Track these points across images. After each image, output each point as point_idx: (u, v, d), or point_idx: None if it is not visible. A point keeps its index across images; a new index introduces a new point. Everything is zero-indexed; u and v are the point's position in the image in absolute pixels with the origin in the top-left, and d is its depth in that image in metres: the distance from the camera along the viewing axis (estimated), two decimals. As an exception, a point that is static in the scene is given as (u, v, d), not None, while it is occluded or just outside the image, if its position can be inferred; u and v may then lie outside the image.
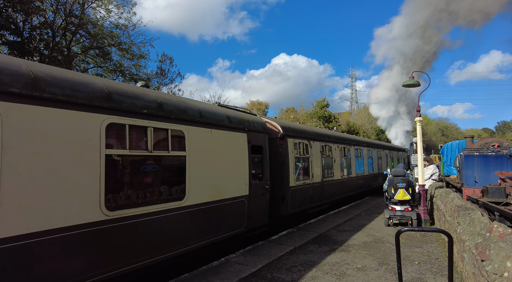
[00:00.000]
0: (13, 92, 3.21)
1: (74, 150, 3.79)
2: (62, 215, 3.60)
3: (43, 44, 16.89)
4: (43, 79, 3.53)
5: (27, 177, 3.33)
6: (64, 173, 3.67)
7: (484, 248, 3.40)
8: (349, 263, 5.72)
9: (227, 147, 6.45)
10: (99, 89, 4.14)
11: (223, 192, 6.21)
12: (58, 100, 3.62)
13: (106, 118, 4.13)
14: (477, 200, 9.48)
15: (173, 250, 5.04)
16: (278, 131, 8.76)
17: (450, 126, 78.72)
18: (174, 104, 5.29)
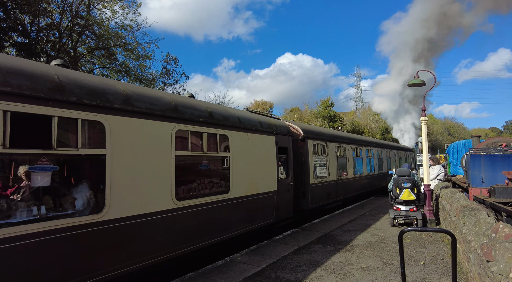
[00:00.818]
0: (115, 107, 4.27)
1: (155, 151, 4.78)
2: (152, 203, 4.65)
3: (50, 45, 17.10)
4: (132, 97, 4.55)
5: (128, 172, 4.34)
6: (150, 170, 4.68)
7: (490, 248, 3.37)
8: (354, 263, 5.71)
9: (260, 148, 7.39)
10: (168, 103, 5.13)
11: (257, 187, 7.18)
12: (142, 113, 4.61)
13: (175, 126, 5.15)
14: (484, 200, 9.38)
15: (221, 235, 6.04)
16: (299, 133, 9.68)
17: (456, 126, 77.90)
18: (220, 113, 6.28)
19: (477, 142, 15.64)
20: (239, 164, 6.58)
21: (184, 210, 5.17)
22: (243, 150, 6.77)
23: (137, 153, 4.50)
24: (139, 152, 4.54)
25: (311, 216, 10.37)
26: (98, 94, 4.09)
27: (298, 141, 9.56)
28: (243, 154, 6.75)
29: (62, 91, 3.69)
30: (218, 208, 5.92)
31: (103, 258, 4.00)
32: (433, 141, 57.02)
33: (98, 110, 4.04)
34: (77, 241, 3.70)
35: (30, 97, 3.37)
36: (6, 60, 3.44)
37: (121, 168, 4.25)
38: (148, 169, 4.65)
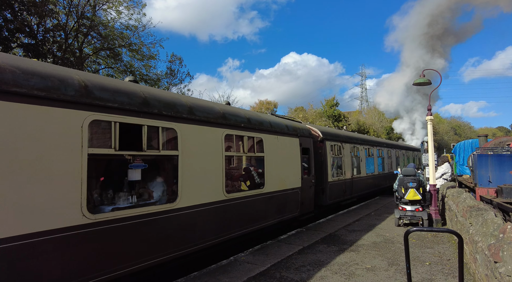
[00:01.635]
0: (183, 117, 5.19)
1: (211, 152, 5.71)
2: (211, 195, 5.65)
3: (56, 46, 17.27)
4: (194, 107, 5.51)
5: (193, 169, 5.30)
6: (208, 168, 5.65)
7: (497, 249, 3.33)
8: (359, 263, 5.68)
9: (287, 149, 8.25)
10: (218, 111, 6.04)
11: (285, 183, 8.04)
12: (201, 120, 5.54)
13: (224, 131, 6.05)
14: (491, 201, 9.27)
15: (260, 224, 7.02)
16: (318, 135, 10.54)
17: (463, 125, 77.03)
18: (256, 119, 7.22)
19: (484, 141, 15.46)
20: (271, 163, 7.49)
21: (231, 201, 6.15)
22: (274, 151, 7.67)
23: (199, 154, 5.45)
24: (200, 153, 5.49)
25: (329, 211, 11.39)
26: (171, 106, 5.02)
27: (318, 142, 10.41)
28: (274, 154, 7.66)
29: (148, 105, 4.60)
30: (256, 200, 6.90)
31: (177, 238, 4.95)
32: (439, 141, 56.47)
33: (172, 120, 4.99)
34: (158, 224, 4.60)
35: (128, 110, 4.33)
36: (112, 82, 4.47)
37: (189, 166, 5.24)
38: (206, 167, 5.65)
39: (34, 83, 3.38)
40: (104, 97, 4.04)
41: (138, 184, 4.77)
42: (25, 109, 3.28)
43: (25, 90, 3.28)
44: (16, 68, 3.30)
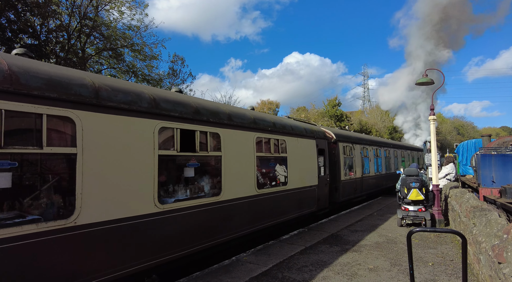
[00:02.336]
0: (225, 123, 6.05)
1: (246, 153, 6.63)
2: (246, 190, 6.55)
3: (59, 47, 17.34)
4: (231, 114, 6.33)
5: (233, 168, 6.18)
6: (244, 166, 6.54)
7: (501, 250, 3.31)
8: (361, 264, 5.66)
9: (305, 150, 9.10)
10: (250, 117, 6.92)
11: (305, 181, 8.91)
12: (237, 125, 6.40)
13: (255, 134, 6.94)
14: (495, 201, 9.21)
15: (285, 216, 7.98)
16: (332, 137, 11.33)
17: (466, 125, 76.63)
18: (280, 123, 8.05)
19: (487, 141, 15.37)
20: (293, 163, 8.35)
21: (262, 196, 7.04)
22: (295, 151, 8.51)
23: (236, 155, 6.29)
24: (237, 154, 6.34)
25: (342, 208, 12.22)
26: (215, 114, 5.89)
27: (331, 143, 11.21)
28: (295, 155, 8.50)
29: (199, 114, 5.49)
30: (281, 196, 7.80)
31: (221, 226, 5.84)
32: (442, 140, 56.19)
33: (217, 125, 5.84)
34: (207, 213, 5.53)
35: (186, 118, 5.22)
36: (173, 95, 5.36)
37: (229, 165, 6.10)
38: (242, 166, 6.48)
39: (120, 98, 4.25)
40: (168, 108, 4.94)
41: (192, 180, 5.67)
42: (115, 119, 4.18)
43: (115, 104, 4.17)
44: (108, 86, 4.20)
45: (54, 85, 3.59)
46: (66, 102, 3.66)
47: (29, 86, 3.35)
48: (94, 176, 3.82)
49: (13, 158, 3.34)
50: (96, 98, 3.95)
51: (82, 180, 3.70)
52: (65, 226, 3.52)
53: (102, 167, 3.94)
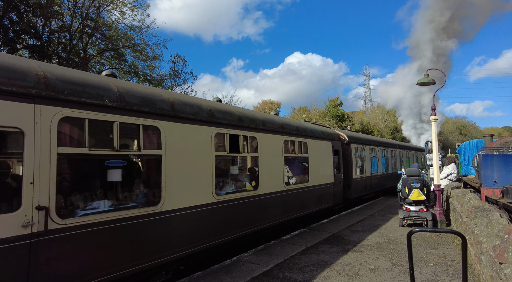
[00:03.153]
0: (260, 128, 7.11)
1: (275, 154, 7.61)
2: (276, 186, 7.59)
3: (61, 47, 17.41)
4: (264, 121, 7.37)
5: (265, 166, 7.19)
6: (274, 166, 7.52)
7: (502, 250, 3.30)
8: (362, 264, 5.66)
9: (323, 151, 10.12)
10: (278, 122, 7.97)
11: (322, 179, 9.93)
12: (269, 130, 7.40)
13: (283, 137, 7.99)
14: (497, 201, 9.18)
15: (307, 210, 9.05)
16: (345, 139, 12.24)
17: (468, 125, 76.33)
18: (302, 127, 9.14)
19: (489, 141, 15.31)
20: (313, 162, 9.37)
21: (289, 192, 8.08)
22: (315, 152, 9.54)
23: (269, 155, 7.36)
24: (270, 154, 7.39)
25: (353, 204, 13.24)
26: (253, 120, 6.95)
27: (344, 145, 12.09)
28: (315, 155, 9.52)
29: (241, 121, 6.52)
30: (304, 192, 8.83)
31: (259, 215, 6.93)
32: (444, 140, 56.03)
33: (254, 130, 6.89)
34: (248, 204, 6.59)
35: (233, 125, 6.27)
36: (223, 106, 6.47)
37: (264, 163, 7.13)
38: (273, 164, 7.49)
39: (188, 110, 5.30)
40: (220, 117, 5.95)
41: (236, 176, 6.81)
42: (185, 127, 5.22)
43: (185, 115, 5.20)
44: (179, 100, 5.28)
45: (146, 101, 4.60)
46: (154, 114, 4.67)
47: (131, 103, 4.38)
48: (173, 172, 4.88)
49: (124, 159, 4.38)
50: (172, 111, 4.98)
51: (165, 175, 4.75)
52: (155, 211, 4.59)
53: (178, 165, 4.99)
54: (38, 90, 3.43)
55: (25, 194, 3.25)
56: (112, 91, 4.19)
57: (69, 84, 3.74)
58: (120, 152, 4.18)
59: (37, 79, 3.46)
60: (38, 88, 3.43)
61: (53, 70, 3.76)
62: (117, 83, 4.44)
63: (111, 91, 4.17)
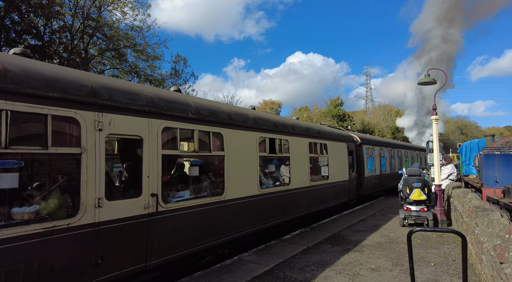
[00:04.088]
0: (291, 132, 8.23)
1: (302, 154, 8.77)
2: (303, 182, 8.78)
3: (62, 47, 17.45)
4: (293, 125, 8.54)
5: (295, 165, 8.41)
6: (300, 164, 8.63)
7: (503, 250, 3.31)
8: (363, 264, 5.67)
9: (339, 151, 11.34)
10: (303, 127, 9.10)
11: (339, 176, 11.14)
12: (297, 133, 8.56)
13: (308, 140, 9.16)
14: (498, 201, 9.17)
15: (328, 203, 10.30)
16: (358, 141, 13.44)
17: (469, 125, 76.15)
18: (323, 130, 10.45)
19: (491, 141, 15.29)
20: (332, 161, 10.57)
21: (313, 187, 9.24)
22: (333, 152, 10.77)
23: (297, 155, 8.50)
24: (298, 154, 8.53)
25: (365, 200, 14.36)
26: (284, 126, 8.09)
27: (357, 146, 13.28)
28: (333, 155, 10.78)
29: (276, 126, 7.69)
30: (324, 188, 10.03)
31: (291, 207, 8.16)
32: (445, 140, 55.92)
33: (286, 134, 8.06)
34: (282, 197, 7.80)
35: (271, 130, 7.45)
36: (264, 115, 7.80)
37: (294, 163, 8.24)
38: (301, 164, 8.69)
39: (240, 119, 6.50)
40: (261, 123, 7.13)
41: (273, 173, 8.14)
42: (238, 132, 6.39)
43: (238, 123, 6.39)
44: (233, 111, 6.44)
45: (212, 113, 5.80)
46: (218, 123, 5.86)
47: (204, 115, 5.58)
48: (231, 169, 6.06)
49: (200, 158, 5.72)
50: (230, 120, 6.14)
51: (227, 172, 5.97)
52: (220, 200, 5.82)
53: (234, 163, 6.17)
54: (149, 107, 4.61)
55: (144, 184, 4.45)
56: (191, 106, 5.41)
57: (166, 102, 4.93)
58: (199, 153, 5.53)
59: (147, 99, 4.65)
60: (149, 106, 4.62)
61: (154, 92, 5.00)
62: (192, 99, 5.74)
63: (190, 106, 5.40)
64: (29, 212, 3.34)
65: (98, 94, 4.00)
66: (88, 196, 3.77)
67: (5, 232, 3.04)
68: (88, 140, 3.82)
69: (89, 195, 3.78)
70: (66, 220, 3.55)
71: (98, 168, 3.89)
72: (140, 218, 4.31)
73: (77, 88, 3.80)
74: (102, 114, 4.01)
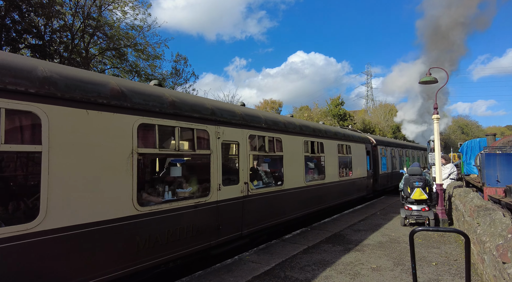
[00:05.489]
0: (324, 135, 9.91)
1: (333, 154, 10.51)
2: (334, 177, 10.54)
3: (62, 47, 17.44)
4: (327, 131, 10.22)
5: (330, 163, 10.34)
6: (333, 163, 10.51)
7: (506, 250, 3.28)
8: (364, 263, 5.64)
9: (360, 151, 13.14)
10: (333, 131, 10.62)
11: (360, 173, 12.93)
12: (329, 137, 10.20)
13: (337, 142, 10.74)
14: (500, 200, 9.14)
15: (350, 197, 11.91)
16: (373, 142, 15.35)
17: (470, 124, 75.96)
18: (347, 134, 12.19)
19: (492, 140, 15.24)
20: (354, 160, 12.37)
21: (341, 182, 11.09)
22: (355, 153, 12.50)
23: (329, 155, 10.15)
24: (330, 155, 10.25)
25: (379, 194, 16.06)
26: (320, 131, 9.71)
27: (373, 146, 15.15)
28: (355, 155, 12.50)
29: (315, 131, 9.39)
30: (349, 183, 11.85)
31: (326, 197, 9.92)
32: (446, 139, 55.83)
33: (321, 138, 9.63)
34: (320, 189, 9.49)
35: (310, 134, 9.03)
36: (303, 122, 9.21)
37: (327, 162, 10.03)
38: (331, 162, 10.37)
39: (292, 126, 8.22)
40: (305, 129, 8.91)
41: (313, 169, 9.60)
42: (291, 137, 8.08)
43: (291, 129, 8.13)
44: (288, 121, 8.25)
45: (275, 122, 7.59)
46: (279, 131, 7.62)
47: (270, 125, 7.36)
48: (287, 166, 7.86)
49: (269, 157, 7.56)
50: (285, 128, 7.91)
51: (285, 168, 7.78)
52: (281, 189, 7.60)
53: (289, 161, 7.89)
54: (241, 121, 6.47)
55: (240, 175, 6.30)
56: (262, 119, 7.17)
57: (250, 117, 6.80)
58: (269, 153, 7.33)
59: (240, 116, 6.49)
60: (241, 120, 6.47)
61: (243, 110, 6.82)
62: (263, 113, 7.72)
63: (262, 119, 7.15)
64: (188, 191, 5.38)
65: (216, 113, 5.81)
66: (214, 183, 5.60)
67: (175, 204, 4.89)
68: (212, 145, 5.65)
69: (214, 182, 5.61)
70: (203, 198, 5.39)
71: (219, 163, 5.73)
72: (239, 199, 6.22)
73: (205, 110, 5.61)
74: (219, 127, 5.85)
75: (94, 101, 3.87)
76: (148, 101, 4.54)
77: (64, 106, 3.60)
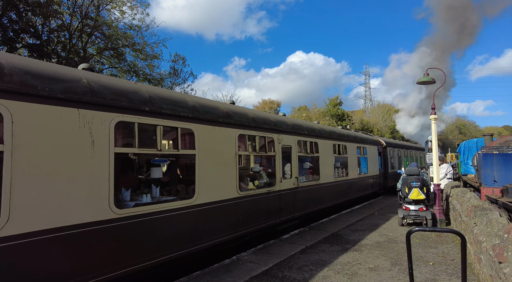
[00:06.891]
0: (347, 139, 12.07)
1: (354, 154, 12.57)
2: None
3: (60, 46, 17.39)
4: (348, 135, 12.42)
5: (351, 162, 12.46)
6: (353, 162, 12.47)
7: (502, 249, 3.30)
8: (361, 263, 5.66)
9: (372, 152, 14.84)
10: (353, 135, 12.84)
11: (373, 172, 14.69)
12: (350, 140, 12.26)
13: (356, 144, 12.88)
14: (497, 200, 9.19)
15: (364, 193, 13.64)
16: (383, 144, 17.12)
17: (468, 124, 76.17)
18: (362, 137, 13.87)
19: (489, 140, 15.32)
20: (369, 160, 14.06)
21: (359, 179, 12.83)
22: (370, 153, 14.32)
23: (351, 156, 11.92)
24: (351, 156, 11.98)
25: (388, 191, 17.33)
26: (343, 135, 11.57)
27: (383, 148, 17.00)
28: (370, 155, 14.28)
29: (339, 136, 11.28)
30: (365, 179, 13.63)
31: (348, 192, 12.02)
32: (443, 140, 56.01)
33: (345, 141, 11.66)
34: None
35: (337, 139, 11.09)
36: (332, 129, 11.52)
37: (349, 161, 11.89)
38: (352, 162, 12.09)
39: (324, 132, 10.13)
40: (334, 134, 10.82)
41: (338, 167, 11.03)
42: (323, 141, 9.96)
43: (324, 135, 10.08)
44: (321, 128, 10.18)
45: (311, 130, 9.24)
46: (314, 136, 9.33)
47: (309, 132, 9.18)
48: (322, 164, 9.68)
49: (310, 157, 9.59)
50: (320, 133, 9.67)
51: (320, 166, 9.59)
52: (318, 183, 9.52)
53: (323, 161, 9.67)
54: (293, 129, 8.41)
55: (293, 171, 8.23)
56: (304, 127, 8.94)
57: (298, 126, 8.65)
58: (309, 154, 9.19)
59: (292, 126, 8.40)
60: (293, 129, 8.42)
61: (294, 121, 8.74)
62: (305, 123, 9.26)
63: (303, 127, 8.91)
64: (263, 182, 7.42)
65: (277, 125, 7.71)
66: (278, 176, 7.56)
67: (258, 190, 6.93)
68: (276, 148, 7.59)
69: (278, 176, 7.57)
70: (272, 187, 7.37)
71: (280, 162, 7.70)
72: (292, 190, 8.13)
73: (271, 123, 7.52)
74: (279, 135, 7.74)
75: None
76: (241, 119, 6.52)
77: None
